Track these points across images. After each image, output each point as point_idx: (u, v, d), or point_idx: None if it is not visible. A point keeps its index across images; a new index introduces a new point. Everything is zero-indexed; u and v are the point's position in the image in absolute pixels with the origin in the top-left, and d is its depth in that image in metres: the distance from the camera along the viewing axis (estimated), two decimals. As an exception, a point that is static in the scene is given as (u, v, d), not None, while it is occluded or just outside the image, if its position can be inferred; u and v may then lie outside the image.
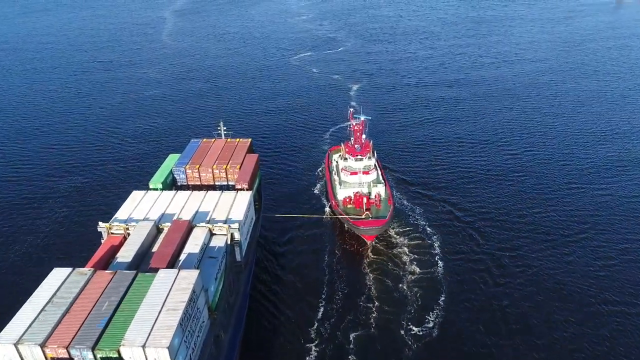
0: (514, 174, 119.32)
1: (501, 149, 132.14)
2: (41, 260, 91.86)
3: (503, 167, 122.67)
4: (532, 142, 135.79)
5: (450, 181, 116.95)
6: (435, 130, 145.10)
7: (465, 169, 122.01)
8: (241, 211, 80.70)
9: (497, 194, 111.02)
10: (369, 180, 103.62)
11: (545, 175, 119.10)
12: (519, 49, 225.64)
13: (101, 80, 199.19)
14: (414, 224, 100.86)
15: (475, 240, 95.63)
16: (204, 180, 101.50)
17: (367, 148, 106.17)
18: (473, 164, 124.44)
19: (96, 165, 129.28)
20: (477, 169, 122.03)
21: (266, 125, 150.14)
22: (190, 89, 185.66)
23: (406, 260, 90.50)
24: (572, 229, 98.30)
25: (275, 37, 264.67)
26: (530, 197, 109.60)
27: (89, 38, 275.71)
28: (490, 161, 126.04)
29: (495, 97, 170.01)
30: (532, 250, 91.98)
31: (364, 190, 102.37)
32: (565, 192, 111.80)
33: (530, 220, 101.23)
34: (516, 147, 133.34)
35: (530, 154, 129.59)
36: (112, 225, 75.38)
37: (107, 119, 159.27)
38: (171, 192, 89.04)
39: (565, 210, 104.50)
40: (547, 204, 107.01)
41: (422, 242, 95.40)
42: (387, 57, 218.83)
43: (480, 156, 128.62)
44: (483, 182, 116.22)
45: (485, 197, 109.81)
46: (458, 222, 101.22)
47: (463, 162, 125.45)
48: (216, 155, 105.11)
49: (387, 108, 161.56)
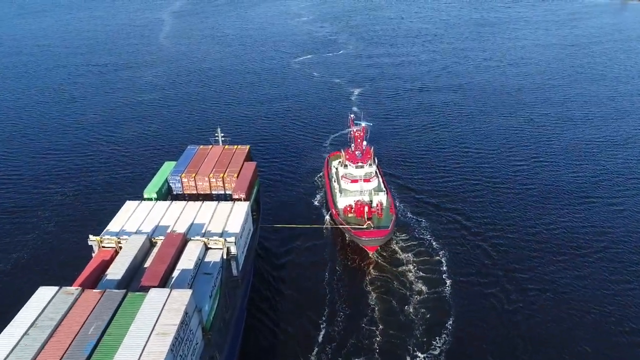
0: (522, 185, 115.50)
1: (508, 158, 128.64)
2: (27, 278, 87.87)
3: (511, 177, 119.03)
4: (540, 151, 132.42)
5: (455, 191, 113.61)
6: (439, 136, 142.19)
7: (471, 179, 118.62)
8: (238, 223, 78.26)
9: (505, 206, 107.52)
10: (370, 188, 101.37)
11: (555, 185, 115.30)
12: (523, 52, 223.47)
13: (96, 85, 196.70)
14: (419, 237, 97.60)
15: (484, 257, 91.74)
16: (200, 189, 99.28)
17: (368, 155, 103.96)
18: (479, 173, 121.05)
19: (89, 174, 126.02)
20: (483, 179, 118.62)
21: (265, 131, 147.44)
22: (187, 93, 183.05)
23: (412, 279, 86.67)
24: (585, 245, 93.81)
25: (275, 39, 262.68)
26: (540, 210, 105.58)
27: (85, 40, 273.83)
28: (497, 170, 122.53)
29: (500, 102, 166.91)
30: (545, 271, 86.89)
31: (365, 198, 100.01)
32: (577, 204, 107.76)
33: (541, 235, 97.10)
34: (524, 155, 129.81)
35: (539, 163, 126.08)
36: (103, 238, 72.95)
37: (101, 125, 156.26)
38: (166, 203, 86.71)
39: (578, 225, 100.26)
40: (558, 217, 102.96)
41: (429, 259, 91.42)
42: (389, 60, 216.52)
43: (486, 165, 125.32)
44: (490, 192, 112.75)
45: (493, 209, 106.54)
46: (465, 237, 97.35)
47: (469, 171, 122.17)
48: (213, 163, 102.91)
49: (389, 113, 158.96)
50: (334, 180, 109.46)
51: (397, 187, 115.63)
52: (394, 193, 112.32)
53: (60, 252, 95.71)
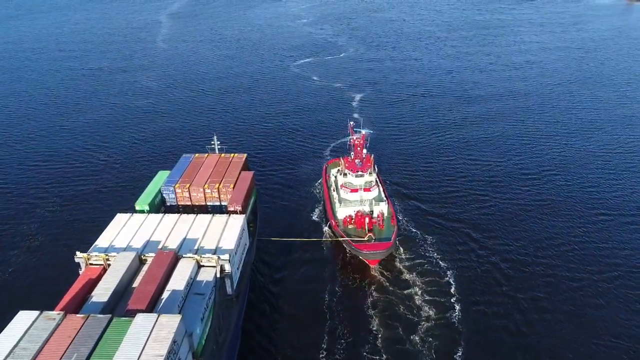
0: (533, 198, 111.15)
1: (517, 169, 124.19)
2: (8, 300, 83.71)
3: (520, 190, 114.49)
4: (550, 161, 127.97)
5: (462, 204, 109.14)
6: (443, 145, 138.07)
7: (478, 191, 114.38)
8: (233, 239, 75.51)
9: (515, 221, 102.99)
10: (370, 198, 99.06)
11: (568, 199, 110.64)
12: (529, 56, 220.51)
13: (89, 90, 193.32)
14: (425, 254, 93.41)
15: (495, 278, 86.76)
16: (195, 201, 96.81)
17: (368, 163, 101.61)
18: (487, 185, 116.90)
19: (79, 184, 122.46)
20: (491, 191, 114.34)
21: (263, 139, 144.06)
22: (183, 99, 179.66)
23: (418, 302, 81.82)
24: (603, 270, 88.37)
25: (274, 42, 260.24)
26: (553, 227, 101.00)
27: (80, 43, 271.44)
28: (506, 182, 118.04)
29: (507, 108, 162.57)
30: (562, 298, 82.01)
31: (366, 208, 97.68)
32: (592, 223, 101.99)
33: (554, 255, 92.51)
34: (534, 166, 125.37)
35: (549, 174, 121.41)
36: (91, 255, 70.28)
37: (93, 132, 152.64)
38: (158, 216, 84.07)
39: (594, 246, 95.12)
40: (572, 235, 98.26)
41: (436, 279, 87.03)
42: (391, 64, 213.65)
43: (494, 176, 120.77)
44: (499, 205, 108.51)
45: (502, 224, 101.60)
46: (474, 255, 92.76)
47: (476, 183, 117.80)
48: (208, 173, 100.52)
49: (391, 120, 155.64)
50: (332, 189, 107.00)
51: (400, 198, 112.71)
52: (396, 203, 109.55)
53: (46, 270, 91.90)
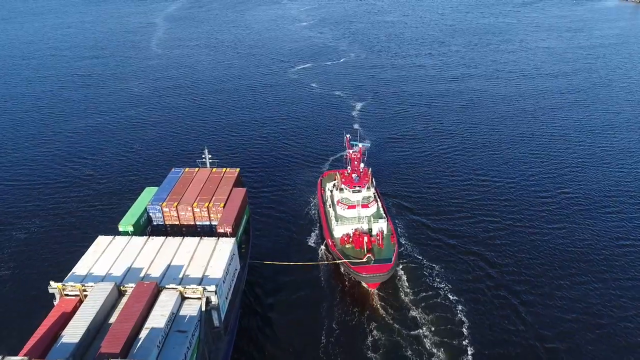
0: (549, 224, 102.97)
1: (531, 190, 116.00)
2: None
3: (535, 214, 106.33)
4: (566, 180, 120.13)
5: (471, 228, 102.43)
6: (449, 161, 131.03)
7: (489, 214, 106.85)
8: (221, 266, 71.33)
9: (530, 250, 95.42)
10: (368, 215, 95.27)
11: (588, 229, 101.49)
12: (537, 61, 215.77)
13: (78, 97, 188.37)
14: (432, 286, 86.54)
15: (512, 317, 78.90)
16: (183, 220, 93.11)
17: (366, 177, 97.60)
18: (499, 208, 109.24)
19: (60, 203, 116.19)
20: (504, 215, 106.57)
21: (257, 152, 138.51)
22: (175, 108, 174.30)
23: (427, 345, 75.21)
24: (632, 315, 79.72)
25: (272, 46, 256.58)
26: (573, 259, 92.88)
27: (72, 48, 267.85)
28: (519, 205, 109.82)
29: (517, 121, 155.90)
30: (587, 350, 74.13)
31: (364, 226, 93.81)
32: (617, 256, 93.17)
33: (576, 292, 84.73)
34: (548, 187, 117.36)
35: (566, 196, 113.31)
36: (66, 285, 66.20)
37: (78, 144, 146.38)
38: (141, 239, 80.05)
39: (620, 282, 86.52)
40: (595, 269, 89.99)
41: (445, 316, 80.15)
42: (393, 71, 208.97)
43: (506, 199, 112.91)
44: (511, 232, 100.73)
45: (517, 253, 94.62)
46: (487, 288, 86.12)
47: (487, 206, 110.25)
48: (198, 190, 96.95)
49: (393, 131, 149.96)
50: (328, 205, 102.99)
51: (401, 214, 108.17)
52: (397, 219, 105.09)
53: (16, 304, 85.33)
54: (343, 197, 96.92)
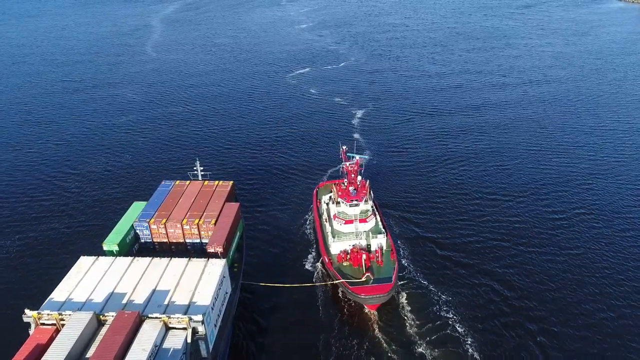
0: (563, 248, 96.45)
1: (543, 211, 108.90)
2: None
3: (549, 239, 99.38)
4: (580, 197, 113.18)
5: (479, 250, 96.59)
6: (454, 175, 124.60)
7: (499, 237, 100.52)
8: (209, 292, 67.66)
9: (544, 279, 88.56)
10: (367, 229, 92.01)
11: (605, 252, 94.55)
12: (543, 67, 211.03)
13: (68, 104, 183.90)
14: (439, 315, 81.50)
15: (530, 356, 74.05)
16: (172, 238, 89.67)
17: (364, 190, 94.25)
18: (508, 231, 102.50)
19: (42, 222, 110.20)
20: (514, 238, 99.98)
21: (252, 164, 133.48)
22: (167, 115, 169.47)
23: None
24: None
25: (270, 49, 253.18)
26: (592, 291, 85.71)
27: (64, 51, 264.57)
28: (531, 228, 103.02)
29: (524, 130, 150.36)
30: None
31: (362, 242, 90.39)
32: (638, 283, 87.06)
33: (604, 327, 78.40)
34: (562, 208, 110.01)
35: (583, 219, 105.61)
36: (42, 313, 62.60)
37: (64, 157, 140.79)
38: (126, 260, 76.59)
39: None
40: (617, 303, 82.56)
41: (456, 351, 74.93)
42: (394, 76, 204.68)
43: (517, 220, 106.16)
44: (524, 259, 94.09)
45: (529, 283, 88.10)
46: (499, 320, 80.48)
47: (496, 227, 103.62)
48: (188, 205, 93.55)
49: (395, 141, 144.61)
50: (324, 219, 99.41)
51: (402, 229, 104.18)
52: (397, 234, 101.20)
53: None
54: (340, 211, 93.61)
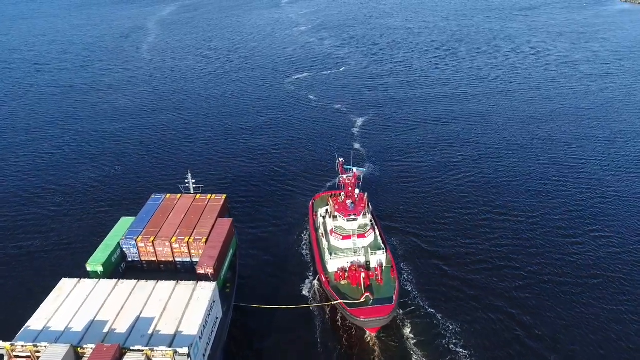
0: (580, 277, 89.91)
1: (556, 231, 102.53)
2: None
3: (562, 260, 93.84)
4: (598, 220, 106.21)
5: (489, 273, 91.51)
6: (460, 188, 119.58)
7: (510, 260, 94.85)
8: (197, 319, 64.02)
9: (561, 309, 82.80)
10: (365, 245, 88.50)
11: (627, 282, 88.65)
12: (551, 72, 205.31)
13: (57, 112, 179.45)
14: (449, 349, 76.48)
15: None
16: (161, 256, 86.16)
17: (362, 203, 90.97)
18: (520, 252, 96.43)
19: (22, 240, 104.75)
20: (526, 259, 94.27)
21: (247, 176, 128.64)
22: (159, 124, 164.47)
23: None
24: None
25: (268, 53, 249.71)
26: (613, 324, 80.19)
27: (57, 55, 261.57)
28: (543, 249, 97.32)
29: (533, 140, 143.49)
30: None
31: (361, 258, 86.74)
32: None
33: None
34: (575, 225, 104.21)
35: (597, 239, 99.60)
36: (15, 345, 58.84)
37: (48, 169, 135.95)
38: (110, 283, 72.94)
39: None
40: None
41: None
42: (396, 82, 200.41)
43: (528, 239, 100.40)
44: (538, 284, 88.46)
45: (545, 312, 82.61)
46: (511, 346, 75.85)
47: (507, 248, 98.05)
48: (179, 221, 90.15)
49: (398, 152, 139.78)
50: (321, 233, 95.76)
51: (407, 255, 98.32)
52: (405, 265, 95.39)
53: None
54: (337, 226, 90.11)
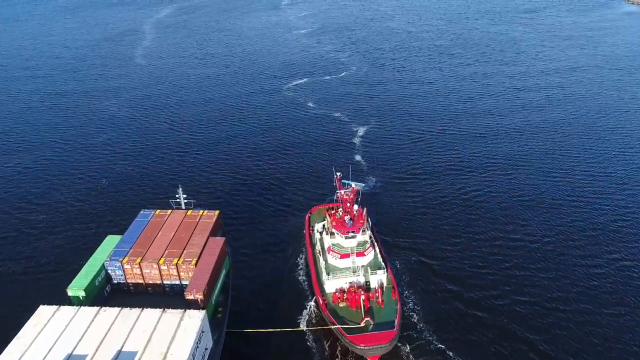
0: (602, 308, 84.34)
1: (573, 255, 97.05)
2: None
3: (584, 292, 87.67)
4: (615, 243, 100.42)
5: (503, 303, 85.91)
6: (468, 207, 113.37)
7: (527, 284, 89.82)
8: (184, 354, 60.09)
9: (586, 344, 77.72)
10: (365, 264, 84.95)
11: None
12: (560, 79, 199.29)
13: (44, 120, 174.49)
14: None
15: None
16: (148, 279, 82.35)
17: (361, 219, 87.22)
18: (537, 280, 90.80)
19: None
20: (545, 292, 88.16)
21: (241, 190, 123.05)
22: (151, 134, 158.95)
23: None
24: None
25: (266, 58, 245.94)
26: None
27: (49, 60, 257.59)
28: (560, 276, 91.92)
29: (545, 155, 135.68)
30: None
31: (360, 278, 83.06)
32: None
33: None
34: (594, 250, 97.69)
35: (620, 268, 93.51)
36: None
37: (30, 184, 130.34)
38: (91, 311, 69.19)
39: None
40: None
41: None
42: (399, 88, 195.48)
43: (547, 269, 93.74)
44: (559, 319, 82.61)
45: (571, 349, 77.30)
46: None
47: (521, 275, 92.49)
48: (168, 239, 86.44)
49: (401, 163, 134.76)
50: (317, 251, 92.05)
51: (410, 274, 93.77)
52: (413, 293, 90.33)
53: None
54: (334, 244, 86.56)
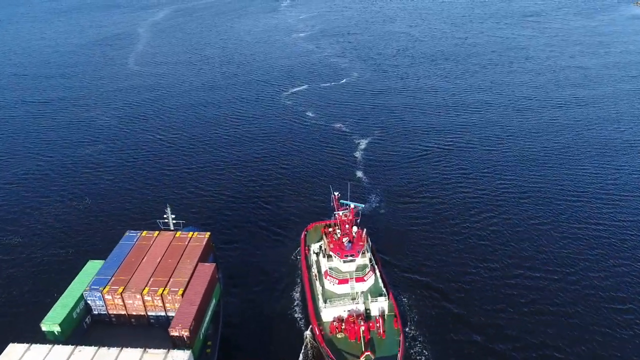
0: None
1: (601, 292, 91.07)
2: None
3: (613, 338, 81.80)
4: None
5: (520, 331, 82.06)
6: (480, 225, 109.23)
7: (548, 323, 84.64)
8: (165, 405, 54.49)
9: None
10: (365, 290, 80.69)
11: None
12: (574, 88, 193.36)
13: (26, 132, 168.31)
14: None
15: None
16: (131, 310, 77.82)
17: (360, 241, 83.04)
18: (557, 313, 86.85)
19: None
20: (569, 329, 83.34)
21: (234, 210, 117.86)
22: (138, 148, 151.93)
23: None
24: None
25: (264, 63, 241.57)
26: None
27: (38, 65, 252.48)
28: (588, 314, 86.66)
29: (563, 175, 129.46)
30: None
31: (360, 306, 78.72)
32: None
33: None
34: (621, 283, 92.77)
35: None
36: None
37: (9, 201, 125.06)
38: (65, 350, 64.95)
39: None
40: None
41: None
42: (402, 97, 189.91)
43: (567, 297, 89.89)
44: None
45: None
46: None
47: (541, 308, 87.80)
48: (154, 265, 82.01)
49: (407, 182, 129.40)
50: (314, 274, 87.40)
51: (413, 300, 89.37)
52: (406, 299, 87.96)
53: None
54: (332, 268, 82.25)
